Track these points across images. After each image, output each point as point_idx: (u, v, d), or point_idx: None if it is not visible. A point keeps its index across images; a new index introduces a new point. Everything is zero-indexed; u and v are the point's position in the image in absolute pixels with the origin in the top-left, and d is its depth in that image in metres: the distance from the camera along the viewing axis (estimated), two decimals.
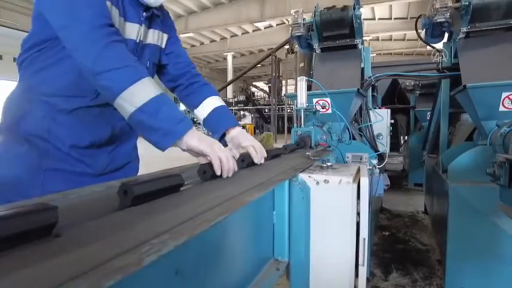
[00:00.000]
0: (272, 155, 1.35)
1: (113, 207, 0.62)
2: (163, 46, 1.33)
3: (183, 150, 1.00)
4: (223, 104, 1.41)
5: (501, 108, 1.98)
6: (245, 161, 1.14)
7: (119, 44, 0.98)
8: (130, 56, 0.99)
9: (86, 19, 0.93)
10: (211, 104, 1.37)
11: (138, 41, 1.17)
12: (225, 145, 1.29)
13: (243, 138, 1.26)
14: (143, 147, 1.37)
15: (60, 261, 0.38)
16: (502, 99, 1.97)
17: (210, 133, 1.33)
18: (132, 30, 1.15)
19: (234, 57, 25.26)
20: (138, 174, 1.40)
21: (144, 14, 1.17)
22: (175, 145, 0.98)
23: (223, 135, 1.32)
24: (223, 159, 0.93)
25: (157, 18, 1.25)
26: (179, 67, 1.40)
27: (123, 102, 0.94)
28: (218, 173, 0.92)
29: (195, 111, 1.40)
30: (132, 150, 1.37)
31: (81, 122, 1.13)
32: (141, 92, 0.93)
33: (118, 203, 0.63)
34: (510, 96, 1.94)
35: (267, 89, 24.31)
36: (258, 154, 1.18)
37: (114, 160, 1.27)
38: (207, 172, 0.92)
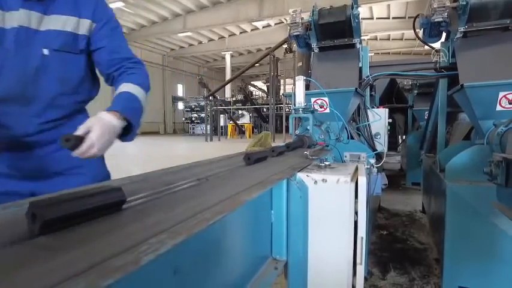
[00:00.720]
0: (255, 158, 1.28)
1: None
2: (81, 32, 1.22)
3: None
4: (131, 90, 1.22)
5: (498, 108, 1.99)
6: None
7: None
8: None
9: None
10: (121, 89, 1.22)
11: (18, 26, 1.08)
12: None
13: (99, 119, 1.04)
14: (142, 147, 1.35)
15: (59, 260, 0.38)
16: (499, 99, 1.98)
17: None
18: (12, 18, 1.08)
19: (232, 56, 25.25)
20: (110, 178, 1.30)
21: None
22: None
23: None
24: None
25: (63, 2, 1.18)
26: (111, 64, 1.29)
27: None
28: None
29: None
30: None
31: None
32: None
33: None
34: (507, 96, 1.95)
35: (265, 88, 24.29)
36: (86, 144, 0.97)
37: (49, 163, 1.19)
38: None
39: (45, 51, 1.14)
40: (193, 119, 23.55)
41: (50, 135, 1.19)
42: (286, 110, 16.54)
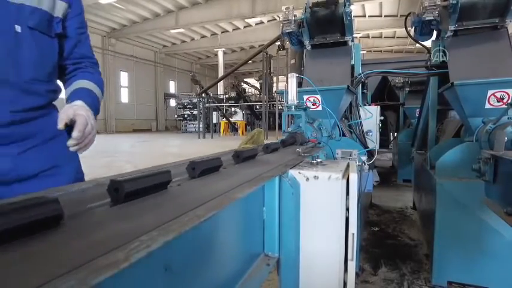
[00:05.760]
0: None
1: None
2: (56, 14, 1.12)
3: None
4: (91, 88, 1.20)
5: (487, 106, 2.03)
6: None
7: None
8: None
9: None
10: (79, 84, 1.18)
11: None
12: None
13: (79, 107, 1.04)
14: (134, 144, 1.34)
15: (49, 258, 0.38)
16: (487, 97, 2.01)
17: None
18: None
19: (225, 53, 25.16)
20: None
21: None
22: None
23: None
24: None
25: None
26: (72, 57, 1.23)
27: None
28: None
29: (65, 93, 1.21)
30: (60, 151, 1.12)
31: None
32: None
33: None
34: (495, 94, 1.99)
35: (258, 85, 24.27)
36: (82, 131, 0.98)
37: (26, 165, 1.05)
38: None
39: (18, 28, 1.00)
40: (185, 116, 23.41)
41: (23, 129, 1.04)
42: (279, 107, 16.56)
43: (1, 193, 0.99)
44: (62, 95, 1.24)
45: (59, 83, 1.24)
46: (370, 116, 2.80)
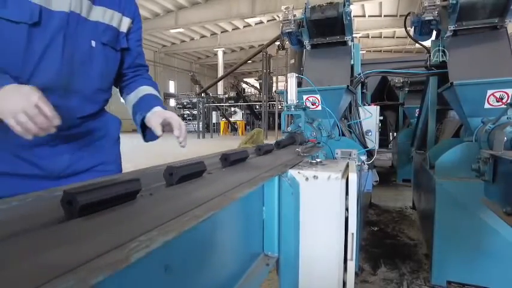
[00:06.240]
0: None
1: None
2: (122, 30, 1.23)
3: None
4: (158, 95, 1.35)
5: (486, 106, 2.03)
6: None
7: None
8: None
9: None
10: (144, 90, 1.31)
11: (69, 11, 1.03)
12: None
13: (169, 114, 1.19)
14: (133, 144, 1.34)
15: (49, 256, 0.38)
16: (487, 97, 2.01)
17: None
18: (61, 1, 1.01)
19: (224, 53, 25.15)
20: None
21: None
22: None
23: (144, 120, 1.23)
24: (23, 121, 0.78)
25: None
26: (131, 66, 1.34)
27: None
28: (16, 129, 0.79)
29: (128, 97, 1.33)
30: (107, 150, 1.27)
31: None
32: None
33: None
34: (495, 94, 1.99)
35: (257, 85, 24.26)
36: (181, 128, 1.16)
37: (80, 161, 1.16)
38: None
39: (93, 43, 1.12)
40: (185, 116, 23.38)
41: (79, 130, 1.16)
42: (279, 107, 16.55)
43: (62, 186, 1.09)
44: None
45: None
46: (370, 116, 2.80)
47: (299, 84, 2.46)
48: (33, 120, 0.80)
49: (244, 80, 28.30)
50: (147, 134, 1.26)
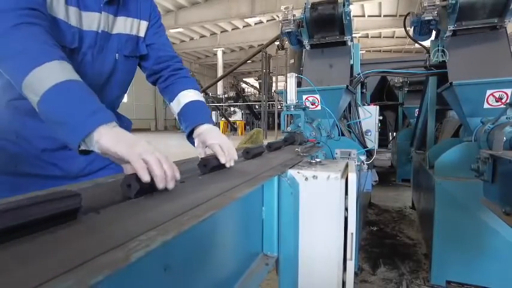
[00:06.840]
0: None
1: None
2: (140, 35, 1.22)
3: (105, 155, 0.77)
4: (200, 98, 1.28)
5: (485, 106, 2.03)
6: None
7: (30, 27, 0.81)
8: (41, 38, 0.82)
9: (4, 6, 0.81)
10: (186, 97, 1.25)
11: (100, 31, 1.05)
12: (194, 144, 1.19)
13: (210, 136, 1.09)
14: None
15: (48, 260, 0.38)
16: (486, 97, 2.01)
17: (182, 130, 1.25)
18: (91, 20, 1.03)
19: (224, 53, 25.12)
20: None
21: None
22: (91, 146, 0.76)
23: (193, 132, 1.19)
24: (152, 162, 0.69)
25: (127, 2, 1.14)
26: (160, 61, 1.30)
27: (27, 92, 0.77)
28: (145, 179, 0.66)
29: (171, 104, 1.29)
30: None
31: None
32: (45, 78, 0.75)
33: None
34: (494, 94, 1.99)
35: (257, 85, 24.26)
36: (226, 153, 1.02)
37: (94, 161, 1.17)
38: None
39: (117, 56, 1.14)
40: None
41: None
42: (278, 107, 16.55)
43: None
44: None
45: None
46: (369, 116, 2.80)
47: (299, 84, 2.47)
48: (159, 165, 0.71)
49: (244, 79, 28.31)
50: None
